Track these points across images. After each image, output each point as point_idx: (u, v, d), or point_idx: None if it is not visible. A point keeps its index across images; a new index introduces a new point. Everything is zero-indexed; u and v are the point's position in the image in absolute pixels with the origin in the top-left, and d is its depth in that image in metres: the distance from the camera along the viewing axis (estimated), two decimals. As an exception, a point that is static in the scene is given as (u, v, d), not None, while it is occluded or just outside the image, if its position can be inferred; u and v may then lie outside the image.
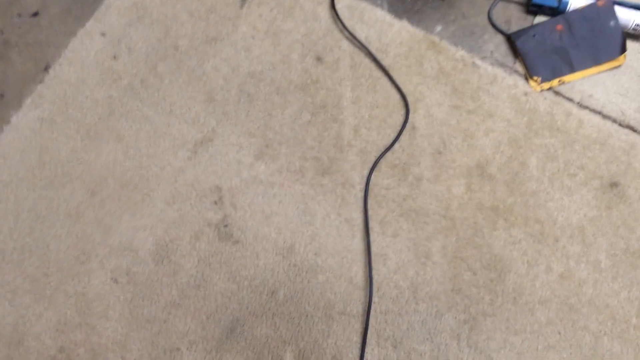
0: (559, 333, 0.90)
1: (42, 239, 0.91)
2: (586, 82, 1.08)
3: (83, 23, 1.02)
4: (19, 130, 0.96)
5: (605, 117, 1.06)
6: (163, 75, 1.00)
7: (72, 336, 0.86)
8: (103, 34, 1.01)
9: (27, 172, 0.94)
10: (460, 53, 1.09)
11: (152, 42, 1.02)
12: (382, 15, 1.10)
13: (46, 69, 0.98)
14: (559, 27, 1.09)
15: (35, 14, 1.01)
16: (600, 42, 1.08)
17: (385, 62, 1.06)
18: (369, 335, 0.88)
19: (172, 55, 1.02)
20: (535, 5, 1.11)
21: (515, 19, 1.12)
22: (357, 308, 0.90)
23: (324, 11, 1.09)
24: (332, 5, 1.09)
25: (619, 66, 1.09)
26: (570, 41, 1.09)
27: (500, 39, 1.11)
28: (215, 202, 0.95)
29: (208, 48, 1.03)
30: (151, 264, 0.91)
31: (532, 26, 1.10)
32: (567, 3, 1.09)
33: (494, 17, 1.12)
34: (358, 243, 0.95)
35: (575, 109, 1.06)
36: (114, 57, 1.00)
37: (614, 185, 1.01)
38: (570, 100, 1.07)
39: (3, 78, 0.97)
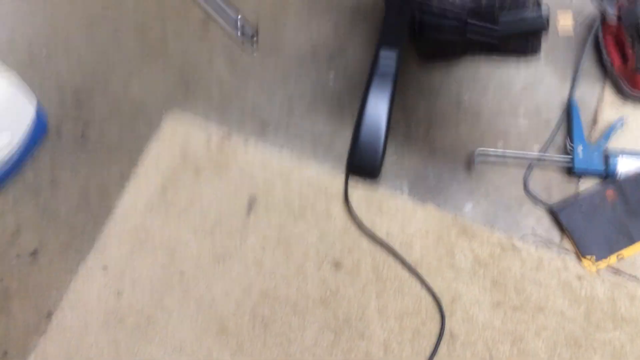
0: None
1: None
2: (650, 255, 0.93)
3: (84, 256, 0.95)
4: (24, 393, 0.90)
5: (679, 297, 0.90)
6: (170, 308, 0.93)
7: None
8: (105, 268, 0.95)
9: None
10: (497, 235, 0.96)
11: (157, 270, 0.95)
12: (402, 202, 0.98)
13: (48, 316, 0.92)
14: (610, 193, 0.95)
15: (34, 252, 0.96)
16: (662, 208, 0.93)
17: (411, 258, 0.95)
18: None
19: (179, 282, 0.94)
20: (578, 171, 0.96)
21: (556, 185, 0.98)
22: None
23: (337, 207, 0.98)
24: (346, 200, 0.98)
25: (687, 234, 0.93)
26: (625, 208, 0.94)
27: (541, 211, 0.97)
28: None
29: (216, 268, 0.95)
30: None
31: (578, 196, 0.96)
32: (615, 166, 0.94)
33: (531, 187, 0.98)
34: None
35: (640, 291, 0.91)
36: (118, 293, 0.93)
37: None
38: (633, 278, 0.92)
39: (5, 333, 0.91)
